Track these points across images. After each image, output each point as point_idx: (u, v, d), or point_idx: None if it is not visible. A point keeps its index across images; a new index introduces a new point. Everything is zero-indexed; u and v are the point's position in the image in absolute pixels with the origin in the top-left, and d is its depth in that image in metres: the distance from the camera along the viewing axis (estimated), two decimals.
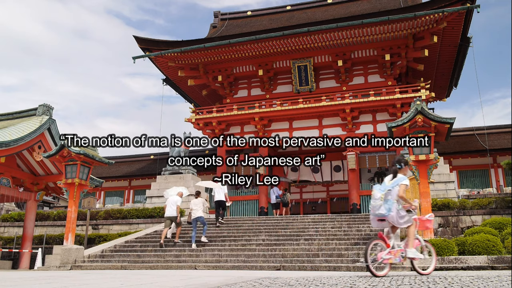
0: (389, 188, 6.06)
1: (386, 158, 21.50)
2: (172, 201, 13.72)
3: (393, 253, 6.03)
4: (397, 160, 6.36)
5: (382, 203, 6.01)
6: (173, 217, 13.56)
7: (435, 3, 19.91)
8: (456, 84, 26.33)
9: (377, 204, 6.05)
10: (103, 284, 5.23)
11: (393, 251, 6.03)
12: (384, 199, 6.00)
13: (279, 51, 22.58)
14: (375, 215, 6.17)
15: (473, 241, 10.42)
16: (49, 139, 17.20)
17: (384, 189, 6.09)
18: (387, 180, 6.24)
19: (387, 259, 5.96)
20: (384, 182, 6.28)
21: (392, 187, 6.06)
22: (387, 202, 5.99)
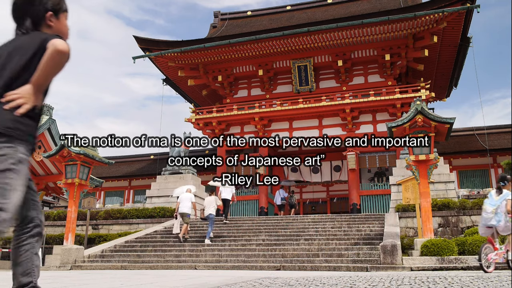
0: (498, 203, 7.27)
1: (386, 158, 21.50)
2: (186, 198, 13.97)
3: (499, 255, 7.31)
4: (501, 178, 7.50)
5: (493, 216, 7.24)
6: (185, 213, 13.76)
7: (435, 3, 19.91)
8: (456, 84, 26.33)
9: (488, 217, 7.30)
10: (103, 284, 5.23)
11: (499, 253, 7.31)
12: (495, 212, 7.21)
13: (279, 51, 22.57)
14: (486, 225, 7.41)
15: (473, 241, 10.43)
16: (49, 139, 17.21)
17: (494, 204, 7.27)
18: (494, 195, 7.41)
19: (495, 259, 7.26)
20: (491, 197, 7.43)
21: (500, 202, 7.24)
22: (497, 215, 7.19)
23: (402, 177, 15.23)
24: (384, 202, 20.58)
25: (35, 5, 2.18)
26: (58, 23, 2.25)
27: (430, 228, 11.26)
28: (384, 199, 20.61)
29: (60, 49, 2.00)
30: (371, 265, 9.77)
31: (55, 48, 1.99)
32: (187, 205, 13.80)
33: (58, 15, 2.26)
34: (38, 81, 2.02)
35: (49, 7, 2.21)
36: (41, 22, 2.21)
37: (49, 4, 2.21)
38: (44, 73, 2.01)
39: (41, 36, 2.11)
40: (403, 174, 16.14)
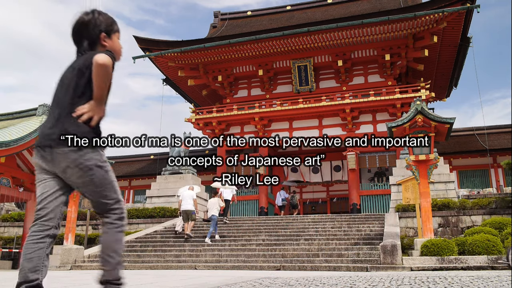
0: None
1: (386, 158, 21.50)
2: (187, 195, 14.13)
3: None
4: None
5: None
6: (189, 210, 13.88)
7: (435, 3, 19.91)
8: (456, 84, 26.33)
9: None
10: None
11: None
12: None
13: (279, 51, 22.57)
14: None
15: (473, 241, 10.42)
16: None
17: None
18: None
19: None
20: None
21: None
22: None
23: (402, 177, 15.22)
24: (384, 202, 20.58)
25: (91, 29, 2.48)
26: (111, 42, 2.54)
27: (430, 228, 11.26)
28: (384, 199, 20.61)
29: (100, 62, 2.26)
30: (371, 265, 9.78)
31: (96, 63, 2.27)
32: (190, 202, 13.95)
33: (111, 36, 2.55)
34: (96, 95, 2.33)
35: (103, 29, 2.51)
36: (97, 43, 2.50)
37: (102, 27, 2.51)
38: (97, 88, 2.30)
39: (91, 54, 2.39)
40: (403, 174, 16.14)
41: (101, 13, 2.56)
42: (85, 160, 2.32)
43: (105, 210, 2.39)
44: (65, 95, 2.38)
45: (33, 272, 2.24)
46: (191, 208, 13.86)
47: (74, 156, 2.30)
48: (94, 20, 2.49)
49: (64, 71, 2.49)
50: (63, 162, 2.31)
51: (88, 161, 2.33)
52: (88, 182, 2.35)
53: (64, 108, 2.35)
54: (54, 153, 2.31)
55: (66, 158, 2.30)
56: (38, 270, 2.27)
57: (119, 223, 2.42)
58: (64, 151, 2.29)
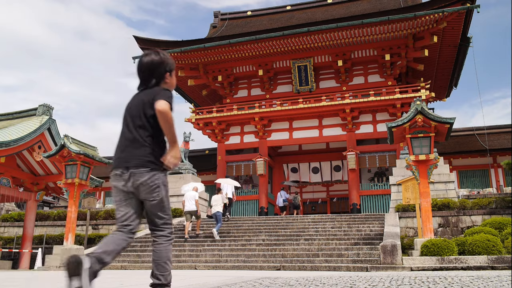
0: None
1: (386, 158, 21.50)
2: (190, 196, 14.37)
3: None
4: None
5: None
6: (192, 211, 14.15)
7: (435, 3, 19.91)
8: (456, 84, 26.32)
9: None
10: (103, 284, 5.23)
11: None
12: None
13: (279, 51, 22.57)
14: None
15: (473, 241, 10.42)
16: (49, 139, 17.19)
17: None
18: None
19: None
20: None
21: None
22: None
23: (402, 177, 15.22)
24: (384, 202, 20.58)
25: (160, 69, 2.92)
26: (171, 79, 2.99)
27: (430, 228, 11.26)
28: (384, 199, 20.61)
29: (160, 110, 2.69)
30: (371, 265, 9.78)
31: (158, 110, 2.70)
32: (193, 203, 14.19)
33: (172, 74, 2.99)
34: (168, 138, 2.82)
35: (168, 69, 2.95)
36: (162, 81, 2.93)
37: (168, 67, 2.95)
38: (165, 131, 2.77)
39: (156, 91, 2.84)
40: (403, 174, 16.14)
41: (165, 54, 2.99)
42: (155, 179, 2.79)
43: (160, 223, 2.84)
44: (139, 124, 2.82)
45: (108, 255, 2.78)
46: (194, 209, 14.12)
47: (147, 175, 2.77)
48: (162, 61, 2.92)
49: (133, 101, 2.92)
50: (137, 180, 2.77)
51: (157, 180, 2.79)
52: (153, 197, 2.80)
53: (139, 136, 2.80)
54: (131, 173, 2.77)
55: (141, 177, 2.76)
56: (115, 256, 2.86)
57: (171, 236, 2.89)
58: (139, 171, 2.76)
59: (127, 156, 2.80)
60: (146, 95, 2.84)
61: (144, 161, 2.77)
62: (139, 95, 2.90)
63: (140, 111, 2.81)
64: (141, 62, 2.93)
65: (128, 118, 2.87)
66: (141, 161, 2.77)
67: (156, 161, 2.79)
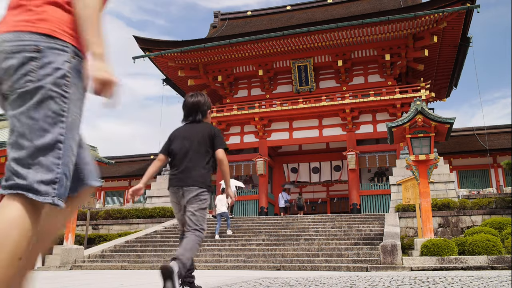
0: None
1: (386, 158, 21.49)
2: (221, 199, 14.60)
3: None
4: None
5: None
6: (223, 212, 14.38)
7: (435, 3, 19.91)
8: (456, 84, 26.33)
9: None
10: (103, 284, 5.23)
11: None
12: None
13: (279, 51, 22.57)
14: None
15: (473, 241, 10.42)
16: None
17: None
18: None
19: None
20: None
21: None
22: None
23: (402, 177, 15.23)
24: (384, 202, 20.58)
25: (205, 107, 3.77)
26: (209, 115, 3.86)
27: (430, 228, 11.26)
28: (384, 199, 20.61)
29: (221, 158, 3.57)
30: (371, 265, 9.78)
31: (218, 158, 3.57)
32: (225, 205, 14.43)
33: (211, 110, 3.80)
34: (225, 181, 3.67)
35: (209, 106, 3.83)
36: (205, 116, 3.77)
37: (209, 105, 3.83)
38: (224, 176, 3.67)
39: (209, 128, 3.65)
40: (403, 174, 16.15)
41: (206, 95, 3.84)
42: (202, 196, 3.49)
43: (195, 229, 3.41)
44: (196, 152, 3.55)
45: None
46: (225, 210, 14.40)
47: (197, 191, 3.46)
48: (205, 101, 3.78)
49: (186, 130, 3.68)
50: (189, 194, 3.46)
51: (204, 196, 3.50)
52: (200, 210, 3.46)
53: (195, 162, 3.52)
54: (185, 190, 3.47)
55: (193, 192, 3.46)
56: None
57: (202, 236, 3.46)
58: (191, 189, 3.46)
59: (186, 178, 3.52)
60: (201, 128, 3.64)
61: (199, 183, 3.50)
62: (195, 127, 3.68)
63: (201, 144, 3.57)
64: (188, 101, 3.74)
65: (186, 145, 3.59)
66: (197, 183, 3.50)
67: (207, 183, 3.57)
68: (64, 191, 1.39)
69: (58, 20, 1.45)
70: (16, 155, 1.32)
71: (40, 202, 1.30)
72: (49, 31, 1.42)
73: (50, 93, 1.38)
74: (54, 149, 1.36)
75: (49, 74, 1.39)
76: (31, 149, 1.33)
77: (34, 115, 1.35)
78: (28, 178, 1.29)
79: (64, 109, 1.42)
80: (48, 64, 1.39)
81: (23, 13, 1.42)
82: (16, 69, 1.37)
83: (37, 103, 1.36)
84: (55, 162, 1.35)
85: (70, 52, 1.46)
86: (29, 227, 1.28)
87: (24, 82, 1.36)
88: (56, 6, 1.46)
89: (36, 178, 1.30)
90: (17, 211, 1.25)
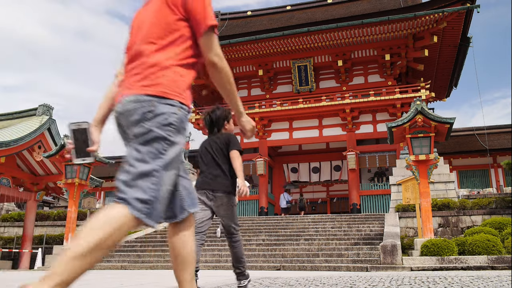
0: None
1: (386, 158, 21.50)
2: None
3: None
4: None
5: None
6: None
7: (435, 3, 19.92)
8: (456, 84, 26.33)
9: None
10: (103, 284, 5.23)
11: None
12: None
13: (279, 51, 22.57)
14: None
15: (473, 241, 10.42)
16: (49, 139, 17.19)
17: None
18: None
19: None
20: None
21: None
22: None
23: (402, 177, 15.23)
24: (384, 202, 20.58)
25: (220, 121, 4.17)
26: (229, 126, 4.21)
27: (430, 228, 11.27)
28: (384, 199, 20.61)
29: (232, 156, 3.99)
30: (371, 265, 9.78)
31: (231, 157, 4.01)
32: None
33: (229, 121, 4.19)
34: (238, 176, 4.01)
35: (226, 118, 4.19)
36: (222, 128, 4.19)
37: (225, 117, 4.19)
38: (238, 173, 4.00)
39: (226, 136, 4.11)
40: (403, 174, 16.14)
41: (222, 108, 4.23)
42: (231, 201, 3.94)
43: (232, 232, 3.93)
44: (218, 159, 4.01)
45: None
46: None
47: (226, 198, 3.92)
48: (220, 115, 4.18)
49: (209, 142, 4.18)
50: (219, 201, 3.91)
51: (232, 201, 3.94)
52: (229, 214, 3.92)
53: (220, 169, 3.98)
54: (215, 196, 3.92)
55: (222, 199, 3.91)
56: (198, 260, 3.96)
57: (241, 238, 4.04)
58: (220, 195, 3.91)
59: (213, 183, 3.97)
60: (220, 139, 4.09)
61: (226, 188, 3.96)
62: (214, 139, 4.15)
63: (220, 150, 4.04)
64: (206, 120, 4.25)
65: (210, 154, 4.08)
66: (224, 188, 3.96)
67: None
68: (156, 214, 1.76)
69: (168, 83, 1.85)
70: (124, 178, 1.76)
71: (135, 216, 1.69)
72: (161, 93, 1.82)
73: (156, 135, 1.77)
74: (150, 177, 1.74)
75: (158, 121, 1.78)
76: (134, 174, 1.74)
77: (141, 149, 1.76)
78: (128, 194, 1.71)
79: (165, 149, 1.80)
80: (159, 115, 1.79)
81: (142, 80, 1.83)
82: (138, 122, 1.78)
83: (145, 141, 1.76)
84: (150, 186, 1.73)
85: (177, 106, 1.86)
86: (126, 227, 1.67)
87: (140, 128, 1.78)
88: (169, 71, 1.87)
89: (134, 195, 1.70)
90: (122, 211, 1.67)
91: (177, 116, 1.85)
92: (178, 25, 1.92)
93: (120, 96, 1.89)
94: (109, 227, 1.65)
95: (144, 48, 1.88)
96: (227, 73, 2.00)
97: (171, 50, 1.90)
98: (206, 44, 1.98)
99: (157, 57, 1.87)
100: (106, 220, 1.66)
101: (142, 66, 1.86)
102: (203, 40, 1.97)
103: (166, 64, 1.87)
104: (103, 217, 1.67)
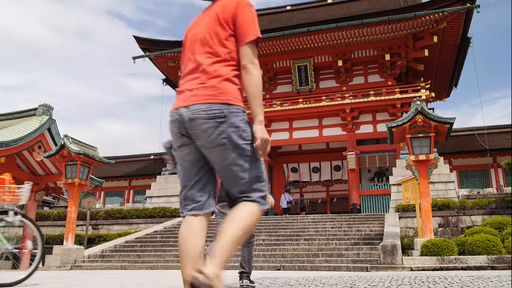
0: None
1: (386, 158, 21.50)
2: None
3: None
4: None
5: None
6: None
7: (435, 3, 19.91)
8: (456, 84, 26.33)
9: None
10: (103, 284, 5.23)
11: None
12: None
13: (279, 51, 22.57)
14: None
15: (473, 241, 10.42)
16: (49, 139, 17.20)
17: None
18: None
19: None
20: None
21: None
22: None
23: (402, 177, 15.23)
24: (384, 202, 20.58)
25: None
26: None
27: (430, 228, 11.26)
28: (384, 199, 20.61)
29: None
30: (371, 265, 9.77)
31: None
32: None
33: None
34: None
35: None
36: None
37: None
38: None
39: None
40: (403, 174, 16.15)
41: None
42: None
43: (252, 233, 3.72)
44: None
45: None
46: None
47: None
48: None
49: None
50: None
51: None
52: None
53: None
54: None
55: None
56: None
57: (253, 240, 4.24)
58: None
59: None
60: None
61: None
62: None
63: None
64: None
65: None
66: None
67: None
68: None
69: (231, 91, 2.11)
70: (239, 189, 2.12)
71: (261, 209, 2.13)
72: (227, 100, 2.07)
73: (241, 146, 2.06)
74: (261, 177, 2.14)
75: (235, 132, 2.05)
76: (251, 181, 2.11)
77: (239, 162, 2.07)
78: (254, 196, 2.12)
79: (252, 151, 2.11)
80: (232, 125, 2.05)
81: (207, 89, 2.09)
82: (213, 130, 2.03)
83: (238, 155, 2.06)
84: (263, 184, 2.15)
85: (241, 111, 2.11)
86: (257, 217, 2.11)
87: (221, 139, 2.03)
88: (228, 81, 2.12)
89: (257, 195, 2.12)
90: (255, 207, 2.09)
91: (245, 121, 2.10)
92: (229, 41, 2.20)
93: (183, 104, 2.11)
94: (251, 218, 2.07)
95: (204, 60, 2.15)
96: (255, 78, 2.15)
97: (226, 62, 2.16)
98: (248, 52, 2.18)
99: (217, 68, 2.13)
100: (248, 213, 2.06)
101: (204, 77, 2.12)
102: (246, 47, 2.18)
103: (225, 75, 2.13)
104: (244, 212, 2.07)
